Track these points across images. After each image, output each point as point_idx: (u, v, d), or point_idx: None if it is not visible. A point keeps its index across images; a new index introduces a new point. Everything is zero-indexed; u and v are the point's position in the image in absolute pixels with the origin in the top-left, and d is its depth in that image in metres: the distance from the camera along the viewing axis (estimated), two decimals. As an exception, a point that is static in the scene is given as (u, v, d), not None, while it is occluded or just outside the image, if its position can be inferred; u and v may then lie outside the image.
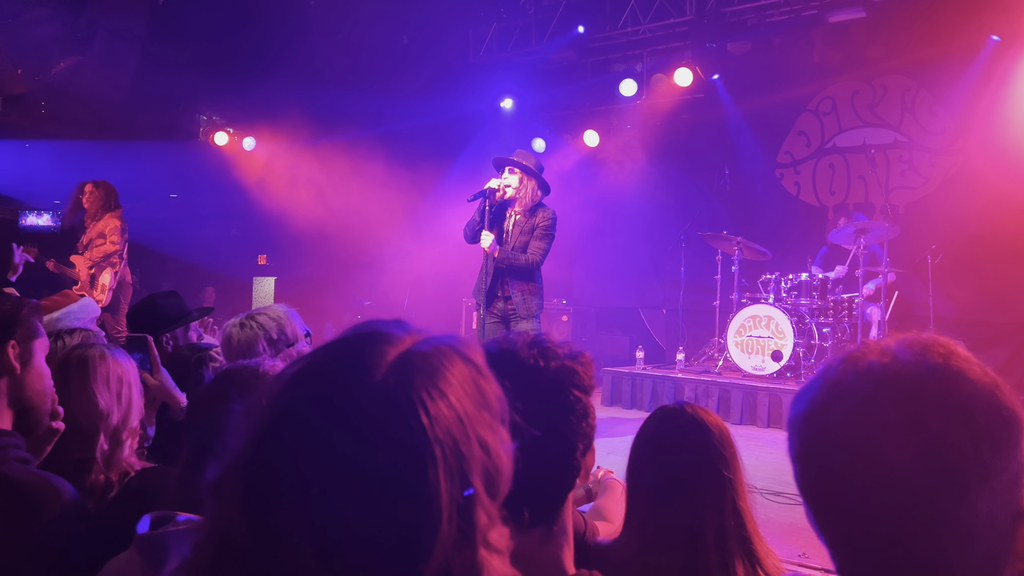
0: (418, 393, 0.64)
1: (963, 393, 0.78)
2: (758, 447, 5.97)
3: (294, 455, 0.63)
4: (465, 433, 0.65)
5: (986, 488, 0.76)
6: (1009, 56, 7.36)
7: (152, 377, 2.29)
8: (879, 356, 0.82)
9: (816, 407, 0.83)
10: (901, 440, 0.76)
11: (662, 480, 1.59)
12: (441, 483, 0.62)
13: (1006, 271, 7.35)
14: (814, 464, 0.82)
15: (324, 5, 9.73)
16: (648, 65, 9.34)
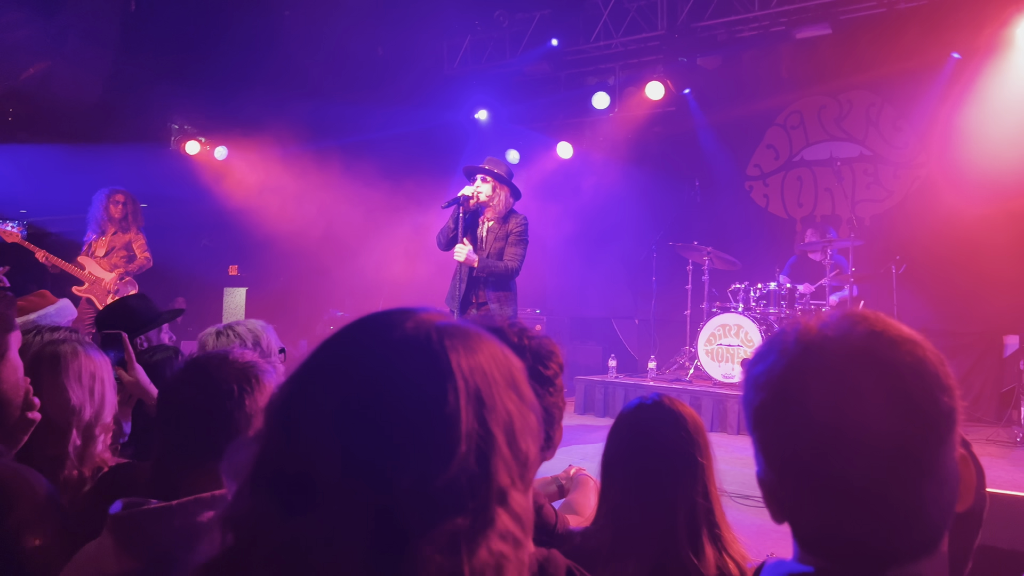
0: (445, 337, 0.70)
1: (916, 354, 0.84)
2: (728, 453, 6.04)
3: (325, 382, 0.68)
4: (490, 387, 0.69)
5: (951, 435, 0.83)
6: (968, 73, 7.58)
7: (127, 373, 2.29)
8: (833, 331, 0.87)
9: (790, 390, 0.86)
10: (883, 406, 0.81)
11: (637, 465, 1.63)
12: (462, 410, 0.66)
13: (968, 282, 7.53)
14: (792, 442, 0.86)
15: (299, 15, 9.73)
16: (621, 78, 9.47)
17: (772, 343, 0.90)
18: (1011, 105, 7.25)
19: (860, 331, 0.86)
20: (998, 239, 7.19)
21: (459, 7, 9.30)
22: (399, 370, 0.67)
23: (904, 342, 0.85)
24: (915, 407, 0.82)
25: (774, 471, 0.88)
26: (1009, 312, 7.14)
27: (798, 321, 0.91)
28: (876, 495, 0.82)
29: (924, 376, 0.83)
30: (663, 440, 1.65)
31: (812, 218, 8.90)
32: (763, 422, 0.88)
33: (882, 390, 0.82)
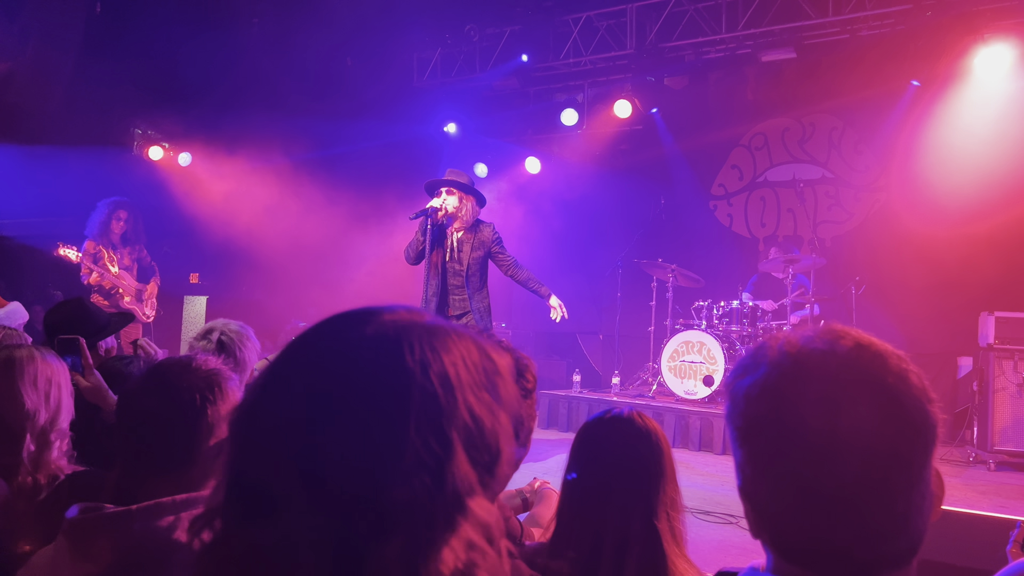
0: (408, 337, 0.68)
1: (900, 366, 0.87)
2: (689, 469, 6.08)
3: (279, 389, 0.68)
4: (452, 394, 0.67)
5: (936, 444, 0.86)
6: (927, 100, 7.78)
7: (85, 379, 2.24)
8: (821, 345, 0.89)
9: (785, 404, 0.86)
10: (876, 417, 0.83)
11: (595, 479, 1.63)
12: (412, 418, 0.65)
13: (924, 304, 7.70)
14: (781, 455, 0.86)
15: (268, 24, 9.67)
16: (589, 95, 9.55)
17: (758, 356, 0.92)
18: (968, 132, 7.46)
19: (846, 344, 0.88)
20: (953, 262, 7.37)
21: (430, 20, 9.32)
22: (352, 377, 0.66)
23: (890, 355, 0.88)
24: (906, 415, 0.84)
25: (766, 482, 0.88)
26: (962, 334, 7.32)
27: (778, 336, 0.93)
28: (869, 502, 0.83)
29: (912, 387, 0.86)
30: (623, 455, 1.64)
31: (775, 238, 9.04)
32: (756, 433, 0.89)
33: (875, 399, 0.84)
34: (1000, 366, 6.42)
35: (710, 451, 6.87)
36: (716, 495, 5.04)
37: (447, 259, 5.41)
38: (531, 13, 8.83)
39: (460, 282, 5.38)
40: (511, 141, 10.35)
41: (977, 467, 6.43)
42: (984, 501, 5.29)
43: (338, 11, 9.00)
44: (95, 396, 2.25)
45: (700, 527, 4.41)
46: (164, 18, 8.71)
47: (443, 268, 5.42)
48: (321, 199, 9.72)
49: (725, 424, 0.94)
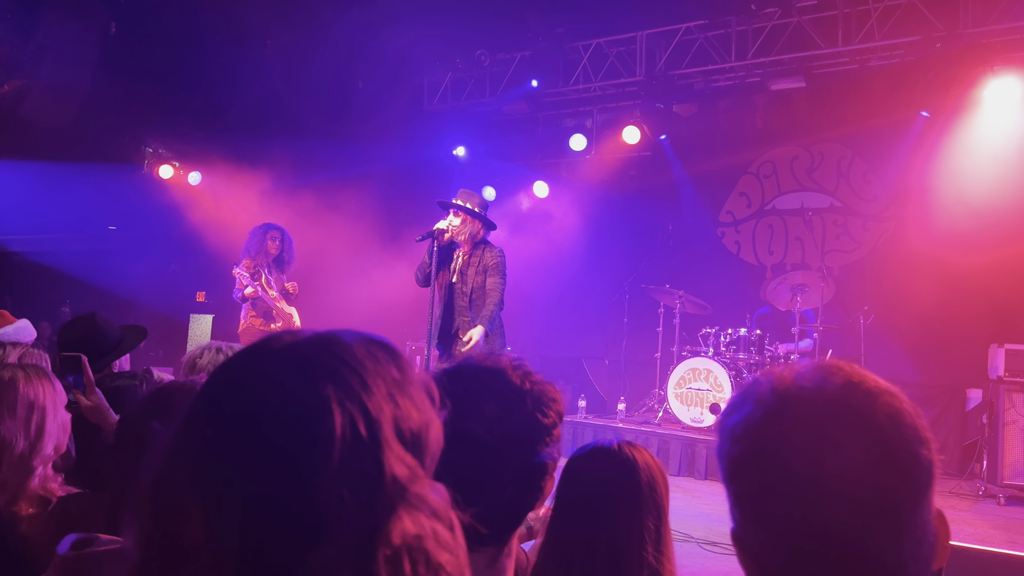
0: (310, 347, 0.70)
1: (893, 406, 0.83)
2: (695, 498, 6.01)
3: (206, 420, 0.68)
4: (363, 381, 0.68)
5: (930, 489, 0.82)
6: (937, 131, 7.77)
7: (86, 398, 2.21)
8: (810, 381, 0.86)
9: (768, 440, 0.84)
10: (862, 460, 0.80)
11: (573, 519, 1.57)
12: (336, 417, 0.64)
13: (933, 335, 7.64)
14: (770, 494, 0.83)
15: (281, 47, 9.75)
16: (598, 121, 9.59)
17: (746, 393, 0.89)
18: (977, 164, 7.44)
19: (836, 382, 0.85)
20: (963, 293, 7.32)
21: (440, 45, 9.39)
22: (266, 393, 0.67)
23: (881, 393, 0.84)
24: (894, 460, 0.80)
25: (751, 525, 0.85)
26: (972, 365, 7.25)
27: (771, 371, 0.89)
28: (855, 550, 0.79)
29: (902, 428, 0.82)
30: (610, 489, 1.58)
31: (782, 266, 9.01)
32: (740, 474, 0.86)
33: (861, 442, 0.80)
34: (1010, 399, 6.35)
35: (716, 480, 6.79)
36: (722, 526, 4.96)
37: (453, 281, 5.40)
38: (542, 39, 8.89)
39: (465, 303, 5.36)
40: (520, 165, 10.38)
41: (987, 501, 6.34)
42: (995, 536, 5.21)
43: (350, 34, 9.08)
44: (96, 416, 2.23)
45: (706, 558, 4.34)
46: (177, 39, 8.80)
47: (449, 290, 5.41)
48: (331, 220, 9.74)
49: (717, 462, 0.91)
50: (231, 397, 0.68)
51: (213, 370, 0.73)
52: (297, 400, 0.65)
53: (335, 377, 0.67)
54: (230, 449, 0.64)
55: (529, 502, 1.20)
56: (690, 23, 8.23)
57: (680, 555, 4.32)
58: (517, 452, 1.16)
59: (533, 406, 1.19)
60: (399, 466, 0.66)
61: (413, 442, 0.68)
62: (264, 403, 0.65)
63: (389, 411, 0.67)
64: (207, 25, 8.83)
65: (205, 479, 0.64)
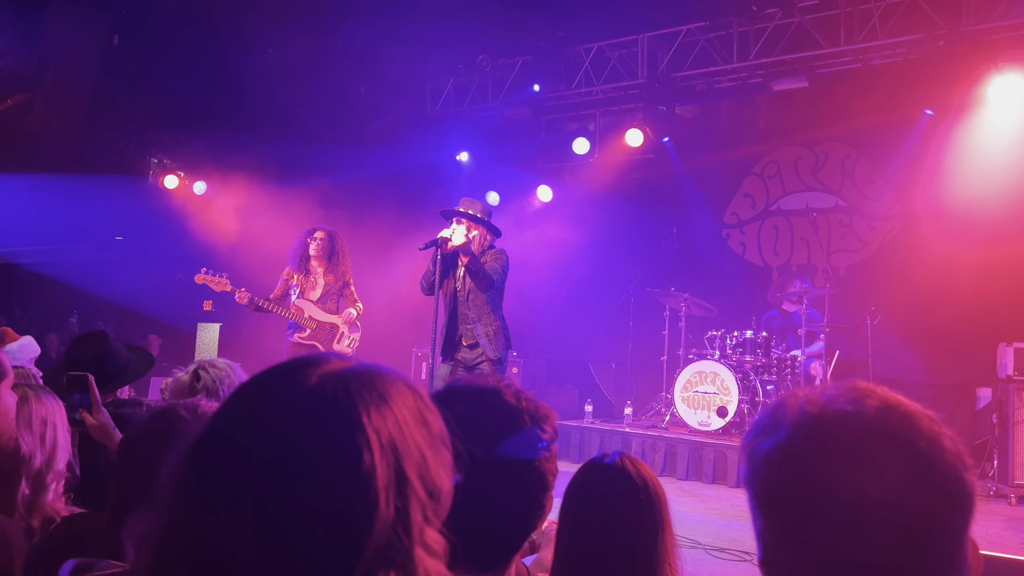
0: (356, 390, 0.69)
1: (933, 429, 0.81)
2: (703, 503, 5.99)
3: (238, 447, 0.67)
4: (403, 434, 0.68)
5: (973, 514, 0.80)
6: (942, 129, 7.73)
7: (92, 417, 2.22)
8: (844, 404, 0.84)
9: (808, 460, 0.81)
10: (911, 486, 0.78)
11: (583, 536, 1.57)
12: (377, 466, 0.65)
13: (941, 334, 7.60)
14: (809, 518, 0.80)
15: (283, 54, 9.78)
16: (601, 125, 9.58)
17: (778, 416, 0.86)
18: (983, 161, 7.40)
19: (873, 404, 0.82)
20: (970, 292, 7.28)
21: (442, 51, 9.39)
22: (307, 433, 0.66)
23: (920, 416, 0.82)
24: (941, 486, 0.78)
25: (787, 554, 0.82)
26: (981, 365, 7.20)
27: (798, 393, 0.87)
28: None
29: (945, 452, 0.80)
30: (608, 507, 1.58)
31: (788, 267, 8.98)
32: (779, 502, 0.83)
33: (905, 467, 0.78)
34: (1020, 398, 6.31)
35: (724, 484, 6.77)
36: (730, 531, 4.94)
37: (457, 288, 5.40)
38: (543, 43, 8.88)
39: (467, 310, 5.37)
40: (523, 169, 10.38)
41: (998, 501, 6.29)
42: (1007, 537, 5.17)
43: (352, 41, 9.10)
44: (101, 434, 2.23)
45: (714, 564, 4.31)
46: (180, 48, 8.82)
47: (453, 297, 5.41)
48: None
49: (744, 488, 0.88)
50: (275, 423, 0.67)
51: (235, 393, 0.72)
52: (339, 435, 0.66)
53: (373, 421, 0.67)
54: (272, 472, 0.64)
55: (531, 521, 1.19)
56: (691, 25, 8.21)
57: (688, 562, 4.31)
58: (517, 469, 1.15)
59: (532, 422, 1.19)
60: (419, 514, 0.67)
61: (432, 494, 0.70)
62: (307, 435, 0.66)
63: (416, 462, 0.68)
64: (210, 34, 8.85)
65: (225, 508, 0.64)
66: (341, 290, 6.69)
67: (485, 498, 1.12)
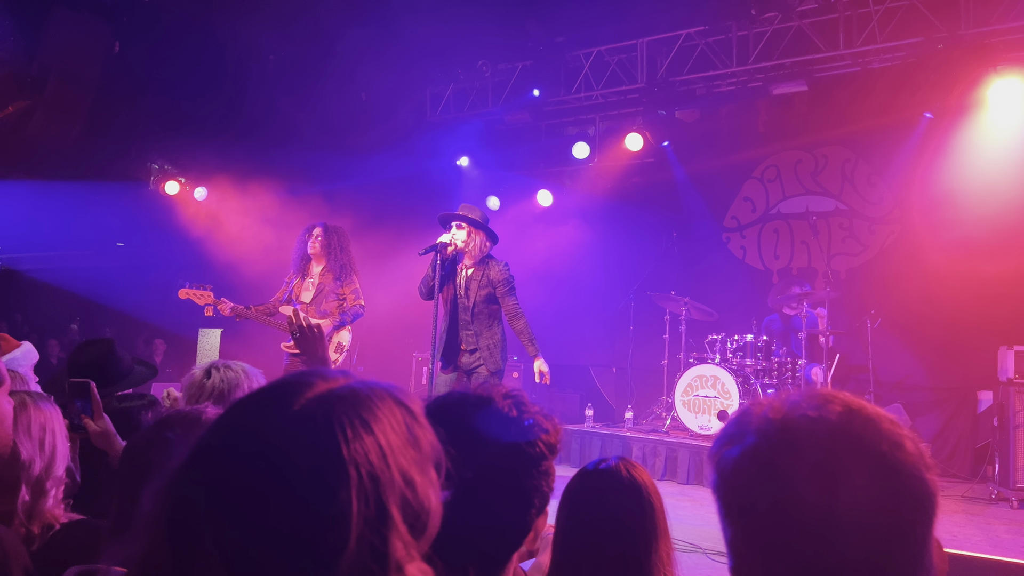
0: (338, 418, 0.67)
1: (895, 432, 0.82)
2: (703, 507, 5.98)
3: (213, 473, 0.66)
4: (386, 462, 0.67)
5: (936, 516, 0.81)
6: (941, 132, 7.74)
7: (94, 423, 2.22)
8: (807, 410, 0.85)
9: (776, 468, 0.82)
10: (874, 489, 0.79)
11: (578, 542, 1.57)
12: (352, 502, 0.64)
13: (942, 338, 7.60)
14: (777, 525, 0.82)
15: (284, 60, 9.81)
16: (600, 129, 9.59)
17: (743, 424, 0.87)
18: (982, 164, 7.41)
19: (836, 409, 0.83)
20: (971, 295, 7.28)
21: (442, 56, 9.41)
22: (284, 464, 0.65)
23: (882, 420, 0.83)
24: (905, 487, 0.79)
25: (758, 563, 0.83)
26: (982, 368, 7.20)
27: (761, 401, 0.88)
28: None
29: (908, 455, 0.81)
30: (606, 511, 1.58)
31: (789, 270, 8.98)
32: (747, 509, 0.84)
33: (872, 470, 0.79)
34: (1021, 401, 6.30)
35: (725, 487, 6.76)
36: (731, 534, 4.94)
37: (457, 295, 5.40)
38: (542, 49, 8.90)
39: (468, 318, 5.37)
40: (523, 174, 10.39)
41: (999, 504, 6.29)
42: (1008, 541, 5.16)
43: (352, 47, 9.12)
44: (103, 441, 2.24)
45: (714, 568, 4.31)
46: (181, 55, 8.85)
47: (454, 304, 5.41)
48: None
49: (713, 497, 0.89)
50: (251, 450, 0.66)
51: (223, 416, 0.71)
52: (315, 467, 0.64)
53: (354, 449, 0.66)
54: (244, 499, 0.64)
55: (514, 538, 1.18)
56: (690, 29, 8.23)
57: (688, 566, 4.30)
58: (503, 484, 1.14)
59: (521, 438, 1.17)
60: (399, 548, 0.66)
61: (415, 523, 0.69)
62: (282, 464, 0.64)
63: (399, 491, 0.67)
64: (210, 41, 8.88)
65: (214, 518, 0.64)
66: (340, 288, 6.19)
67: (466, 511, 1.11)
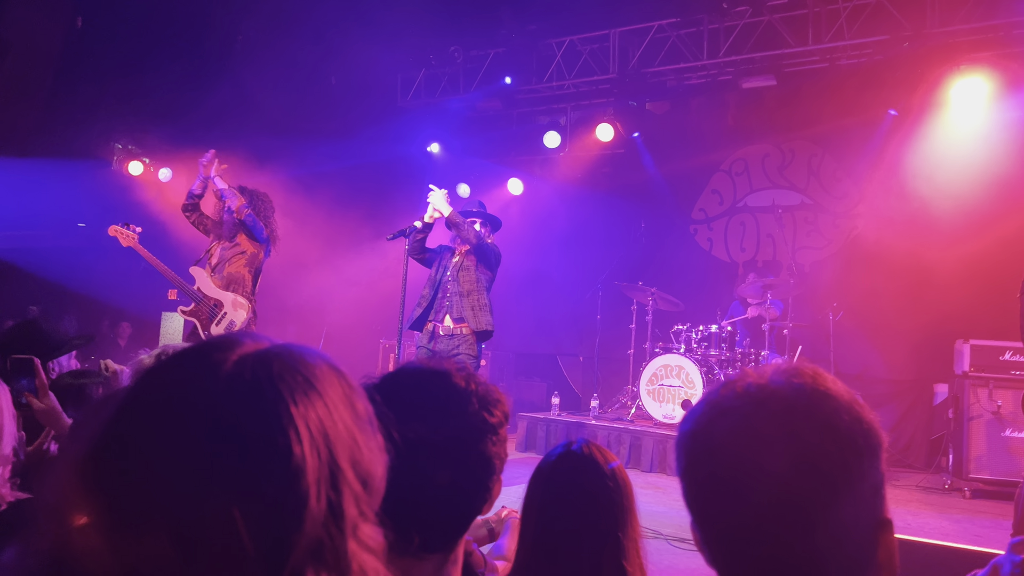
0: (279, 375, 0.64)
1: (829, 407, 0.84)
2: (666, 495, 6.04)
3: (142, 438, 0.60)
4: (332, 419, 0.64)
5: (853, 493, 0.83)
6: (905, 129, 7.87)
7: (39, 401, 2.18)
8: (756, 379, 0.88)
9: (700, 426, 0.88)
10: (777, 451, 0.82)
11: (548, 516, 1.58)
12: (308, 456, 0.61)
13: (902, 331, 7.74)
14: (699, 478, 0.87)
15: (251, 41, 9.67)
16: (572, 119, 9.60)
17: (696, 409, 0.92)
18: (944, 161, 7.54)
19: (759, 383, 0.87)
20: (929, 289, 7.43)
21: (414, 41, 9.35)
22: (228, 424, 0.60)
23: (812, 388, 0.86)
24: (806, 452, 0.82)
25: (697, 527, 0.89)
26: (939, 361, 7.35)
27: (716, 382, 0.92)
28: (767, 543, 0.82)
29: (823, 420, 0.83)
30: (588, 496, 1.60)
31: (754, 263, 9.08)
32: (683, 475, 0.90)
33: (779, 432, 0.82)
34: (975, 394, 6.45)
35: (687, 476, 6.84)
36: (691, 522, 5.00)
37: (447, 277, 5.46)
38: (515, 36, 8.88)
39: (450, 303, 5.42)
40: (494, 162, 10.37)
41: (952, 495, 6.44)
42: (960, 530, 5.29)
43: (322, 30, 9.02)
44: (49, 419, 2.20)
45: (675, 555, 4.36)
46: (146, 34, 8.68)
47: (439, 285, 5.47)
48: (304, 217, 9.67)
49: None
50: (178, 429, 0.60)
51: (139, 384, 0.65)
52: (260, 428, 0.61)
53: (300, 407, 0.63)
54: (178, 465, 0.59)
55: (477, 505, 1.20)
56: (662, 21, 8.26)
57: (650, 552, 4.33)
58: (463, 452, 1.16)
59: (479, 406, 1.19)
60: (353, 506, 0.64)
61: (366, 482, 0.66)
62: (219, 439, 0.60)
63: (349, 448, 0.65)
64: (177, 20, 8.73)
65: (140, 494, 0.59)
66: (237, 247, 5.61)
67: (428, 478, 1.12)
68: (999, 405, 6.35)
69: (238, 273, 5.53)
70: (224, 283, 5.50)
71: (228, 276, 5.50)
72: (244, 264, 5.55)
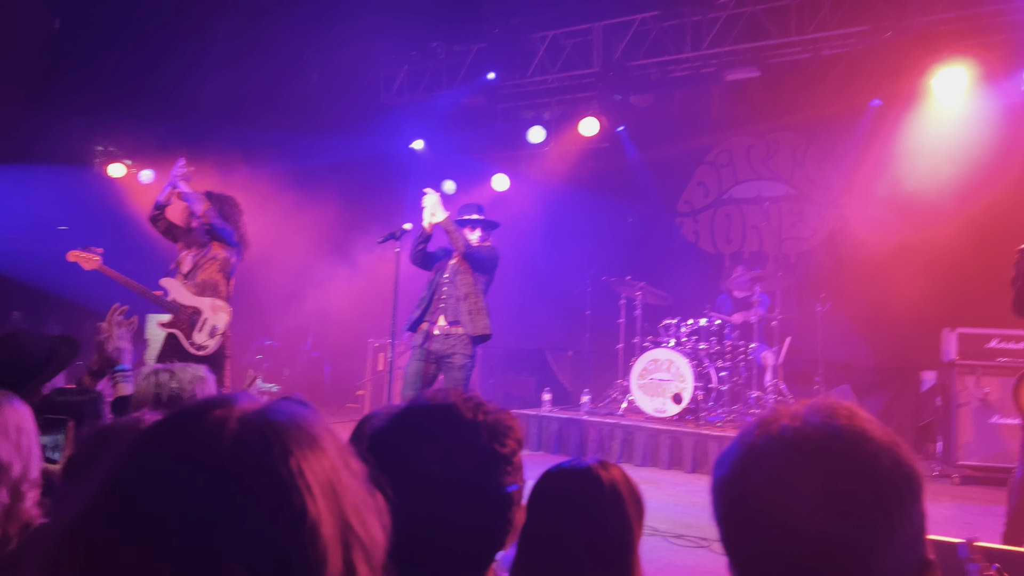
0: (287, 432, 0.62)
1: (867, 452, 0.83)
2: (660, 489, 6.07)
3: (143, 515, 0.56)
4: (338, 475, 0.63)
5: (894, 539, 0.81)
6: (890, 119, 7.91)
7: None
8: (790, 420, 0.86)
9: (735, 471, 0.86)
10: (815, 501, 0.80)
11: (553, 543, 1.55)
12: (323, 513, 0.59)
13: (888, 320, 7.79)
14: (736, 526, 0.85)
15: (232, 38, 9.56)
16: (556, 113, 9.58)
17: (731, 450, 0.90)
18: (928, 150, 7.59)
19: (814, 422, 0.85)
20: (915, 278, 7.47)
21: (396, 36, 9.29)
22: (240, 485, 0.57)
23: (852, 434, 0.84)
24: (845, 501, 0.80)
25: (732, 565, 0.87)
26: (926, 349, 7.41)
27: (755, 419, 0.90)
28: None
29: (862, 466, 0.82)
30: (589, 516, 1.57)
31: (740, 254, 9.11)
32: (721, 522, 0.88)
33: (816, 481, 0.80)
34: (963, 381, 6.51)
35: (680, 469, 6.87)
36: (687, 517, 5.01)
37: (444, 278, 5.45)
38: (498, 31, 8.84)
39: (446, 306, 5.42)
40: (479, 158, 10.33)
41: (942, 481, 6.50)
42: (948, 515, 5.35)
43: (303, 26, 8.94)
44: None
45: (672, 552, 4.38)
46: (126, 32, 8.57)
47: (436, 287, 5.48)
48: (287, 215, 9.60)
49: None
50: (188, 495, 0.57)
51: (132, 450, 0.61)
52: (272, 496, 0.58)
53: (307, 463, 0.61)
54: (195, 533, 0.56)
55: (497, 539, 1.17)
56: (645, 14, 8.25)
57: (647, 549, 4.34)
58: (475, 488, 1.13)
59: (490, 437, 1.16)
60: (363, 563, 0.62)
61: (371, 537, 0.64)
62: (232, 501, 0.57)
63: (353, 504, 0.63)
64: (156, 17, 8.61)
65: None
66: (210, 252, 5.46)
67: (440, 519, 1.10)
68: (987, 392, 6.42)
69: (212, 279, 5.43)
70: (198, 290, 5.39)
71: (202, 283, 5.40)
72: (217, 269, 5.45)
